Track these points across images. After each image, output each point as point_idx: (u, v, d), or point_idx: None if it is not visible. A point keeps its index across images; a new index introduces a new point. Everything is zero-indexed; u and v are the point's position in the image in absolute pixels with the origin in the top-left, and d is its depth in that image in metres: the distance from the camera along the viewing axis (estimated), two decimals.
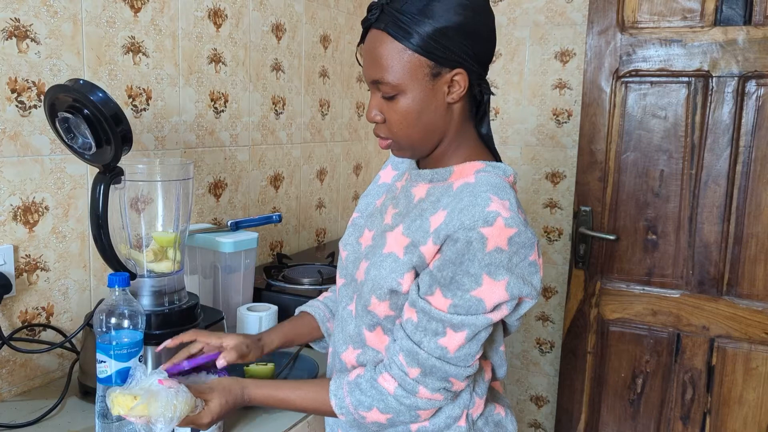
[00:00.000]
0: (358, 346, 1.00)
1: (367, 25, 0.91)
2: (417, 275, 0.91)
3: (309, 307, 1.19)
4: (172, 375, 0.98)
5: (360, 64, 0.95)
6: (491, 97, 0.99)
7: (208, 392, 0.93)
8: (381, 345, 0.98)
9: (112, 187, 1.10)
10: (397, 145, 0.95)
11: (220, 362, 1.02)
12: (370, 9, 0.90)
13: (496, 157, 1.00)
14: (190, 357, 1.04)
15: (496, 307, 0.87)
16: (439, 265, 0.87)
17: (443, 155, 0.97)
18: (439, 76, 0.89)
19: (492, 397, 1.06)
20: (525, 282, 0.87)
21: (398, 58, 0.87)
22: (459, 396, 0.96)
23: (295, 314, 1.21)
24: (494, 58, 2.27)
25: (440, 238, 0.87)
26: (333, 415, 0.95)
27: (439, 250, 0.88)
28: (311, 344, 1.21)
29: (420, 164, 1.02)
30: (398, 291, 0.91)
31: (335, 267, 1.78)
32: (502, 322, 1.01)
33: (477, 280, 0.84)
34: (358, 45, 0.95)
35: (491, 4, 2.30)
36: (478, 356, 0.90)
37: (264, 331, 1.15)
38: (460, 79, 0.89)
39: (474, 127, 0.98)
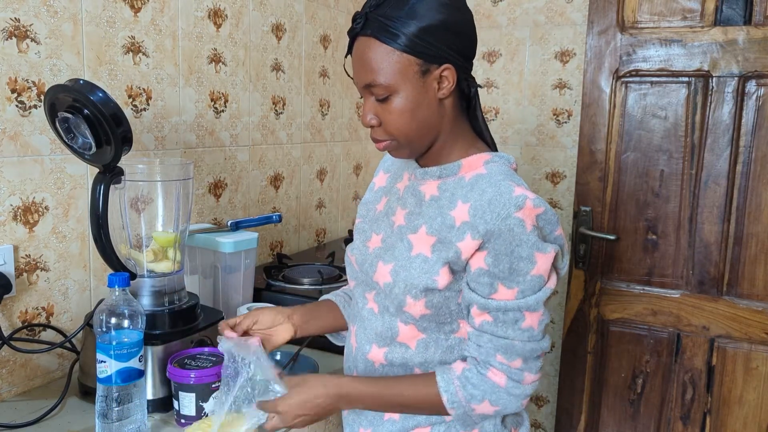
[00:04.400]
0: (384, 343, 1.01)
1: (353, 34, 0.94)
2: (452, 270, 0.93)
3: (332, 295, 1.19)
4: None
5: (349, 76, 0.97)
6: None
7: (296, 386, 0.95)
8: (413, 341, 0.99)
9: (112, 187, 1.10)
10: (395, 145, 0.97)
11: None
12: (354, 18, 0.93)
13: (493, 148, 1.04)
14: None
15: (549, 275, 0.93)
16: (493, 261, 0.90)
17: (441, 150, 0.99)
18: (428, 73, 0.92)
19: None
20: (561, 250, 0.94)
21: (387, 60, 0.90)
22: None
23: (320, 300, 1.20)
24: (494, 58, 2.27)
25: (479, 233, 0.89)
26: (440, 409, 0.94)
27: (480, 246, 0.90)
28: (328, 336, 1.20)
29: (420, 163, 1.04)
30: (434, 288, 0.93)
31: (335, 267, 1.78)
32: None
33: (531, 260, 0.89)
34: (346, 56, 0.98)
35: (491, 4, 2.31)
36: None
37: (297, 312, 1.12)
38: (448, 74, 0.92)
39: (468, 120, 1.01)
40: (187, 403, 1.10)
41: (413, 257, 0.95)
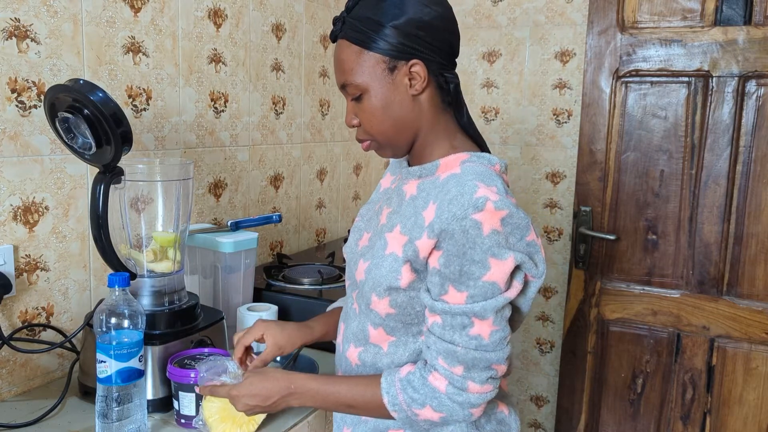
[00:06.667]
0: (359, 343, 1.02)
1: (333, 38, 0.97)
2: (413, 269, 0.92)
3: (339, 302, 1.22)
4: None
5: None
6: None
7: (252, 375, 0.99)
8: (384, 342, 0.99)
9: (112, 187, 1.10)
10: (376, 145, 0.99)
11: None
12: (334, 22, 0.96)
13: (482, 145, 1.02)
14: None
15: (509, 285, 0.90)
16: (444, 262, 0.88)
17: (424, 149, 0.99)
18: (396, 70, 0.93)
19: (496, 395, 1.07)
20: (529, 259, 0.90)
21: (356, 60, 0.93)
22: None
23: (327, 311, 1.22)
24: (494, 58, 2.27)
25: (434, 232, 0.88)
26: (384, 412, 0.93)
27: (435, 245, 0.89)
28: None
29: (409, 162, 1.05)
30: (396, 287, 0.92)
31: (335, 267, 1.78)
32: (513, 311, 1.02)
33: (484, 264, 0.86)
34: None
35: (491, 4, 2.30)
36: (509, 336, 0.92)
37: (307, 321, 1.16)
38: (418, 70, 0.93)
39: (453, 117, 1.00)
40: (187, 403, 1.10)
41: (386, 256, 0.94)
